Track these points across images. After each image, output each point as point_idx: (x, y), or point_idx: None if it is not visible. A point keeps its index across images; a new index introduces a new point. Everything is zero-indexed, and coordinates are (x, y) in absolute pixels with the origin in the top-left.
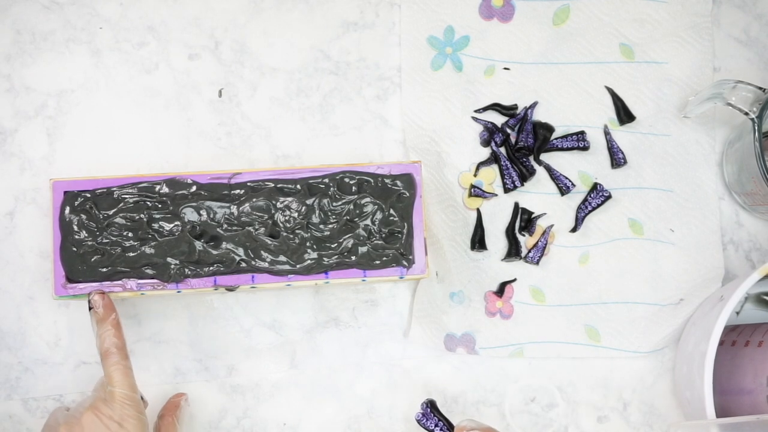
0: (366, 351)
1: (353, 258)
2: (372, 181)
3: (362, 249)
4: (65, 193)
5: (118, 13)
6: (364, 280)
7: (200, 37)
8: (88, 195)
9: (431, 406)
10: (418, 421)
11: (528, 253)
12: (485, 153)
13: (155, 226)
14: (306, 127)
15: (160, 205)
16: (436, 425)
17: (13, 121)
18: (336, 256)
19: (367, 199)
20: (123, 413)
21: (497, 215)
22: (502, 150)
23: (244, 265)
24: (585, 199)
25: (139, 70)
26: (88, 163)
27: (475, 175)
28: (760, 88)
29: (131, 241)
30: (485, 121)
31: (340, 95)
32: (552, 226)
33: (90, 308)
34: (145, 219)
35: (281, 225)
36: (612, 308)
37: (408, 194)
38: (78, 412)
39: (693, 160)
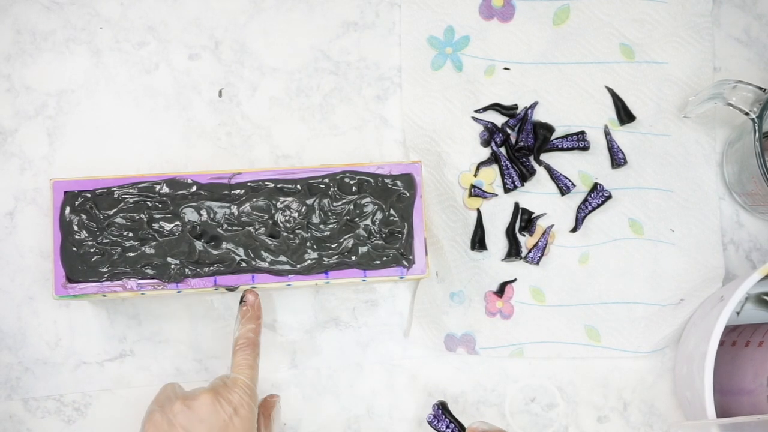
0: (366, 351)
1: (353, 258)
2: (372, 181)
3: (362, 249)
4: (65, 193)
5: (118, 13)
6: (364, 280)
7: (200, 37)
8: (89, 195)
9: (443, 408)
10: (430, 423)
11: (528, 253)
12: (485, 153)
13: (155, 226)
14: (306, 127)
15: (160, 205)
16: (448, 427)
17: (13, 121)
18: (336, 256)
19: (368, 199)
20: (241, 400)
21: (497, 215)
22: (502, 150)
23: (244, 265)
24: (585, 199)
25: (139, 70)
26: (88, 163)
27: (475, 175)
28: (761, 88)
29: (131, 241)
30: (485, 121)
31: (340, 95)
32: (552, 226)
33: (241, 301)
34: (145, 219)
35: (281, 225)
36: (612, 308)
37: (408, 194)
38: (196, 391)
39: (693, 160)
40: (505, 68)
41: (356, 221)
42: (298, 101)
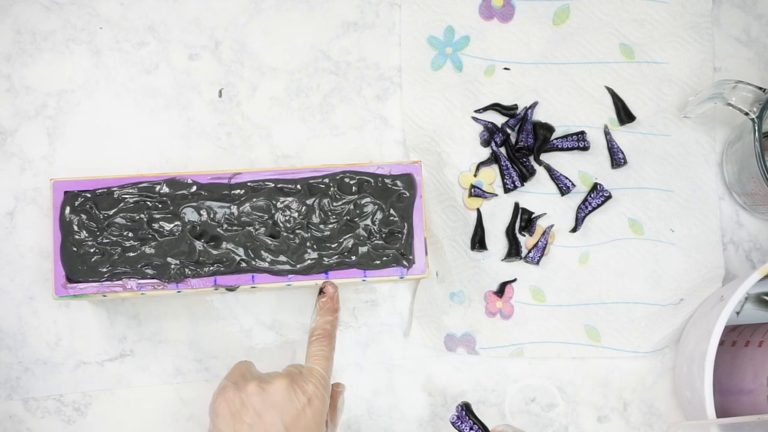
0: (366, 351)
1: (353, 258)
2: (372, 181)
3: (362, 249)
4: (65, 193)
5: (118, 13)
6: (364, 280)
7: (200, 37)
8: (89, 195)
9: (466, 409)
10: (453, 423)
11: (528, 253)
12: (485, 153)
13: (155, 226)
14: (306, 127)
15: (160, 205)
16: (471, 428)
17: (13, 121)
18: (336, 256)
19: (368, 199)
20: (316, 391)
21: (497, 215)
22: (502, 150)
23: (244, 265)
24: (585, 199)
25: (139, 70)
26: (88, 163)
27: (475, 175)
28: (760, 88)
29: (131, 241)
30: (485, 121)
31: (340, 95)
32: (552, 226)
33: (320, 293)
34: (145, 219)
35: (281, 225)
36: (612, 308)
37: (408, 194)
38: (272, 375)
39: (693, 160)
40: (505, 68)
41: (356, 221)
42: (298, 101)
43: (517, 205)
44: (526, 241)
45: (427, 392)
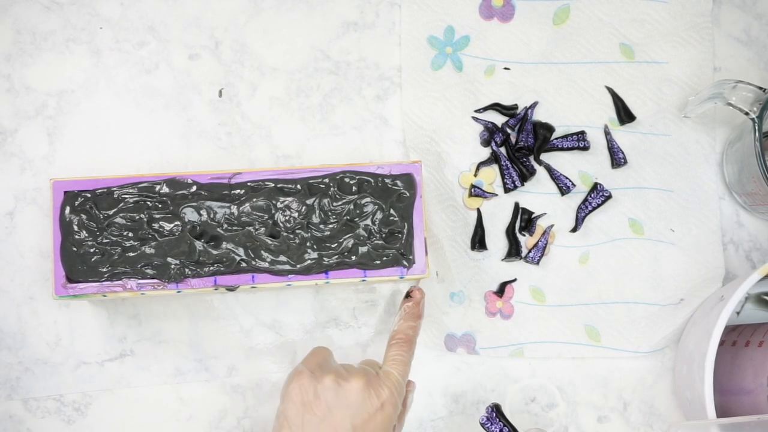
0: (366, 351)
1: (353, 258)
2: (372, 181)
3: (362, 249)
4: (65, 193)
5: (118, 13)
6: (364, 280)
7: (200, 37)
8: (88, 195)
9: (496, 411)
10: (482, 425)
11: (528, 253)
12: (485, 153)
13: (155, 226)
14: (306, 127)
15: (160, 205)
16: (501, 430)
17: (13, 121)
18: (336, 256)
19: (368, 199)
20: (390, 397)
21: (497, 215)
22: (503, 150)
23: (244, 265)
24: (585, 199)
25: (139, 70)
26: (88, 163)
27: (475, 175)
28: (761, 88)
29: (131, 241)
30: (485, 121)
31: (340, 95)
32: (552, 226)
33: (407, 295)
34: (145, 219)
35: (281, 225)
36: (612, 308)
37: (408, 194)
38: (350, 370)
39: (693, 160)
40: (505, 68)
41: (356, 221)
42: (298, 101)
43: (517, 205)
44: (526, 241)
45: (426, 392)
